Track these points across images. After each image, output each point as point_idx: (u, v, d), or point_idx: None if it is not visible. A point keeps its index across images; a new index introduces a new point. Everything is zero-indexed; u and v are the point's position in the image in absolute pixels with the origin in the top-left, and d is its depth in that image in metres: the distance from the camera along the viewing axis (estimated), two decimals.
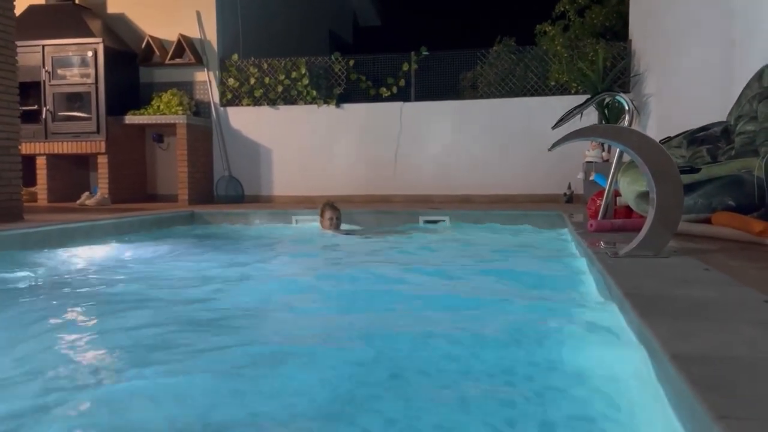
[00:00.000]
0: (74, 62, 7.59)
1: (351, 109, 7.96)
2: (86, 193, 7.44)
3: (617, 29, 8.25)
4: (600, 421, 1.24)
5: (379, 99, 7.88)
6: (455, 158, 7.67)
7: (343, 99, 7.98)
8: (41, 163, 7.80)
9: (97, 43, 7.48)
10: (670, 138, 4.03)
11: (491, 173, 7.57)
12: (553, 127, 3.73)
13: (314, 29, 12.23)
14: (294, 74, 7.99)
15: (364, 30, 15.79)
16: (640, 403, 1.23)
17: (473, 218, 5.56)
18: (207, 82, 8.16)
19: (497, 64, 7.86)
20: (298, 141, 8.07)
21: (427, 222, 5.64)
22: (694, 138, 3.79)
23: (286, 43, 9.68)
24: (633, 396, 1.28)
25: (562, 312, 2.10)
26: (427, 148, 7.74)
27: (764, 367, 1.05)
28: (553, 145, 2.67)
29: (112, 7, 8.38)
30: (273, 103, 8.08)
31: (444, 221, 5.60)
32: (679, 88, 5.54)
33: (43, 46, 7.51)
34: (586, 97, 6.02)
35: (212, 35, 8.16)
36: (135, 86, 8.28)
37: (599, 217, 3.70)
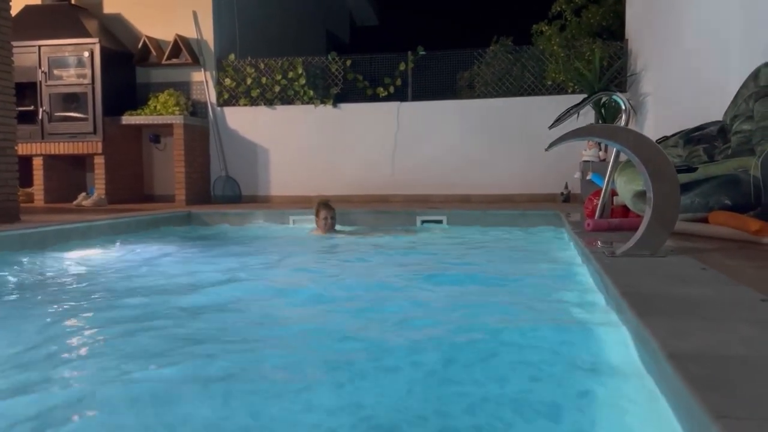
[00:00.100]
0: (70, 63, 7.58)
1: (348, 109, 7.95)
2: (83, 194, 7.43)
3: (614, 29, 8.25)
4: (598, 420, 1.24)
5: (376, 99, 7.88)
6: (453, 158, 7.67)
7: (340, 99, 7.97)
8: (38, 163, 7.79)
9: (94, 44, 7.47)
10: (666, 137, 4.03)
11: (489, 173, 7.57)
12: (550, 127, 3.73)
13: (311, 29, 12.22)
14: (291, 74, 7.99)
15: (361, 30, 15.80)
16: (638, 402, 1.24)
17: (471, 218, 5.56)
18: (204, 82, 8.15)
19: (494, 63, 7.87)
20: (295, 141, 8.06)
21: (425, 222, 5.64)
22: (691, 137, 3.80)
23: (282, 43, 9.67)
24: (631, 395, 1.28)
25: (558, 310, 2.10)
26: (424, 148, 7.74)
27: (762, 365, 1.06)
28: (551, 145, 2.68)
29: (109, 7, 8.36)
30: (270, 103, 8.08)
31: (442, 221, 5.60)
32: (676, 88, 5.55)
33: (40, 47, 7.49)
34: (583, 96, 6.03)
35: (209, 35, 8.14)
36: (132, 86, 8.27)
37: (596, 217, 3.71)
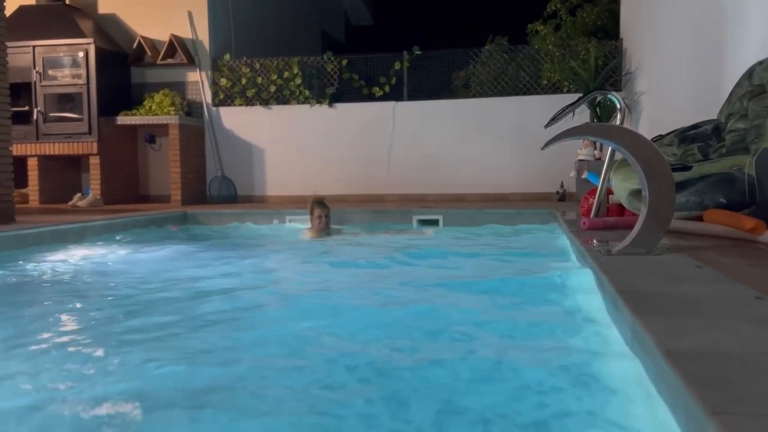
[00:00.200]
0: (65, 63, 7.56)
1: (344, 108, 7.95)
2: (78, 194, 7.40)
3: (609, 28, 8.29)
4: (595, 418, 1.25)
5: (371, 98, 7.88)
6: (448, 157, 7.68)
7: (335, 98, 7.97)
8: (32, 164, 7.75)
9: (88, 44, 7.45)
10: (661, 136, 4.04)
11: (484, 172, 7.59)
12: (546, 126, 3.74)
13: (306, 29, 12.21)
14: (286, 74, 7.98)
15: (356, 29, 15.79)
16: (635, 400, 1.24)
17: (467, 217, 5.57)
18: (199, 82, 8.13)
19: (489, 63, 7.88)
20: (290, 141, 8.05)
21: (421, 222, 5.64)
22: (686, 136, 3.81)
23: (278, 43, 9.66)
24: (627, 391, 1.29)
25: (554, 308, 2.11)
26: (420, 147, 7.74)
27: (758, 362, 1.06)
28: (546, 144, 2.68)
29: (103, 8, 8.33)
30: (265, 103, 8.07)
31: (438, 220, 5.61)
32: (671, 87, 5.57)
33: (34, 47, 7.47)
34: (578, 95, 6.05)
35: (204, 35, 8.13)
36: (127, 87, 8.25)
37: (592, 215, 3.72)
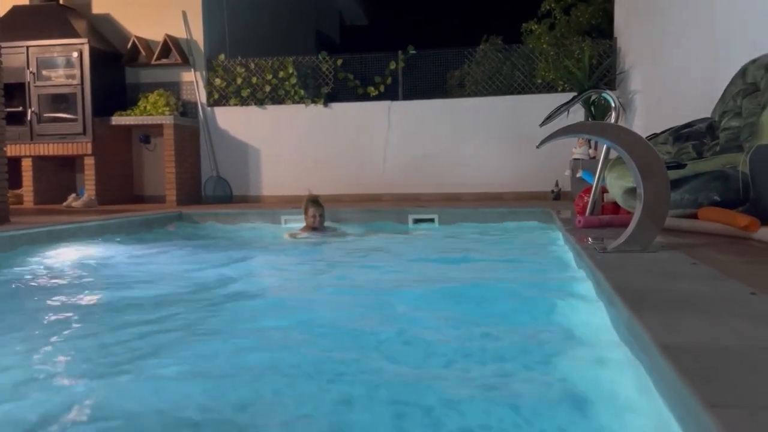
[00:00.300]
0: (59, 63, 7.53)
1: (339, 108, 7.95)
2: (73, 195, 7.38)
3: (603, 27, 8.29)
4: (591, 411, 1.25)
5: (367, 98, 7.88)
6: (443, 156, 7.69)
7: (330, 98, 7.97)
8: (27, 165, 7.73)
9: (83, 44, 7.42)
10: (656, 134, 4.06)
11: (479, 171, 7.60)
12: (541, 125, 3.76)
13: (301, 29, 12.21)
14: (281, 74, 7.98)
15: (351, 29, 15.78)
16: (631, 395, 1.25)
17: (462, 216, 5.58)
18: (194, 82, 8.12)
19: (484, 62, 7.90)
20: (286, 140, 8.05)
21: (417, 221, 5.65)
22: (680, 134, 3.83)
23: (273, 43, 9.65)
24: (624, 388, 1.30)
25: (550, 307, 2.12)
26: (415, 147, 7.75)
27: (752, 356, 1.07)
28: (541, 143, 2.70)
29: (97, 8, 8.31)
30: (260, 102, 8.06)
31: (433, 219, 5.62)
32: (665, 85, 5.59)
33: (28, 47, 7.44)
34: (573, 94, 6.07)
35: (198, 35, 8.12)
36: (121, 87, 8.23)
37: (587, 214, 3.73)
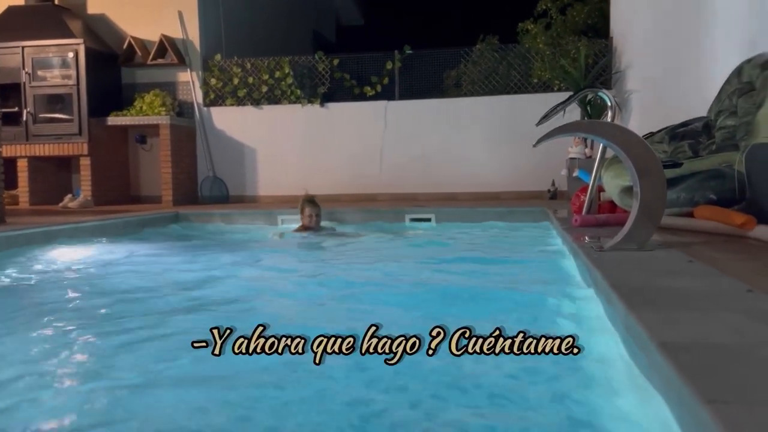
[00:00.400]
0: (55, 63, 7.51)
1: (335, 108, 7.95)
2: (69, 196, 7.36)
3: (599, 26, 8.32)
4: (591, 410, 1.26)
5: (363, 98, 7.88)
6: (440, 156, 7.69)
7: (327, 98, 7.97)
8: (22, 165, 7.70)
9: (78, 44, 7.41)
10: (652, 133, 4.07)
11: (476, 171, 7.61)
12: (537, 124, 3.77)
13: (297, 29, 12.20)
14: (278, 74, 7.97)
15: (347, 29, 15.78)
16: (629, 392, 1.25)
17: (459, 215, 5.59)
18: (190, 82, 8.11)
19: (481, 62, 7.91)
20: (282, 141, 8.05)
21: (414, 220, 5.65)
22: (676, 133, 3.83)
23: (269, 43, 9.65)
24: (621, 385, 1.30)
25: (547, 305, 2.12)
26: (412, 147, 7.76)
27: (749, 353, 1.08)
28: (538, 141, 2.70)
29: (93, 8, 8.29)
30: (257, 102, 8.05)
31: (430, 219, 5.62)
32: (660, 84, 5.61)
33: (23, 48, 7.43)
34: (569, 94, 6.08)
35: (195, 35, 8.11)
36: (117, 87, 8.21)
37: (583, 213, 3.74)
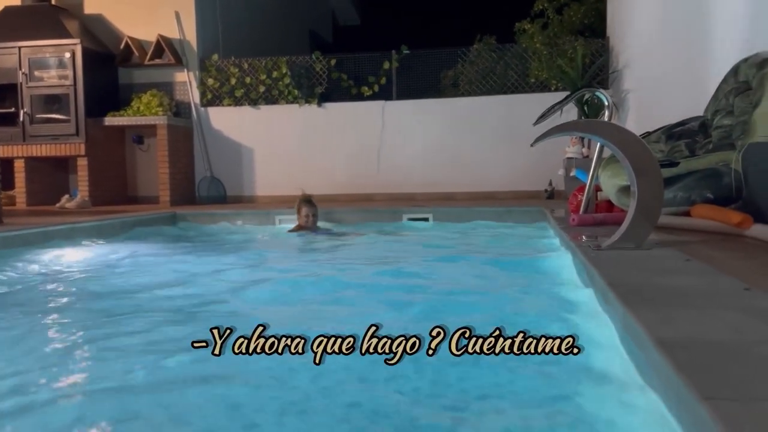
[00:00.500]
0: (52, 64, 7.50)
1: (333, 108, 7.95)
2: (66, 196, 7.36)
3: (595, 26, 8.33)
4: (589, 408, 1.26)
5: (360, 98, 7.89)
6: (437, 156, 7.70)
7: (324, 98, 7.97)
8: (19, 166, 7.69)
9: (75, 45, 7.40)
10: (649, 133, 4.08)
11: (473, 171, 7.61)
12: (535, 124, 3.76)
13: (294, 29, 12.20)
14: (275, 74, 7.97)
15: (344, 29, 15.78)
16: (627, 390, 1.26)
17: (456, 215, 5.59)
18: (187, 82, 8.10)
19: (478, 62, 7.91)
20: (280, 141, 8.04)
21: (411, 220, 5.66)
22: (673, 132, 3.84)
23: (266, 43, 9.64)
24: (619, 383, 1.30)
25: (545, 304, 2.13)
26: (409, 147, 7.76)
27: (746, 350, 1.08)
28: (536, 141, 2.70)
29: (90, 8, 8.28)
30: (254, 103, 8.05)
31: (428, 219, 5.62)
32: (657, 84, 5.62)
33: (20, 48, 7.41)
34: (566, 93, 6.08)
35: (192, 35, 8.10)
36: (114, 87, 8.20)
37: (581, 212, 3.74)
